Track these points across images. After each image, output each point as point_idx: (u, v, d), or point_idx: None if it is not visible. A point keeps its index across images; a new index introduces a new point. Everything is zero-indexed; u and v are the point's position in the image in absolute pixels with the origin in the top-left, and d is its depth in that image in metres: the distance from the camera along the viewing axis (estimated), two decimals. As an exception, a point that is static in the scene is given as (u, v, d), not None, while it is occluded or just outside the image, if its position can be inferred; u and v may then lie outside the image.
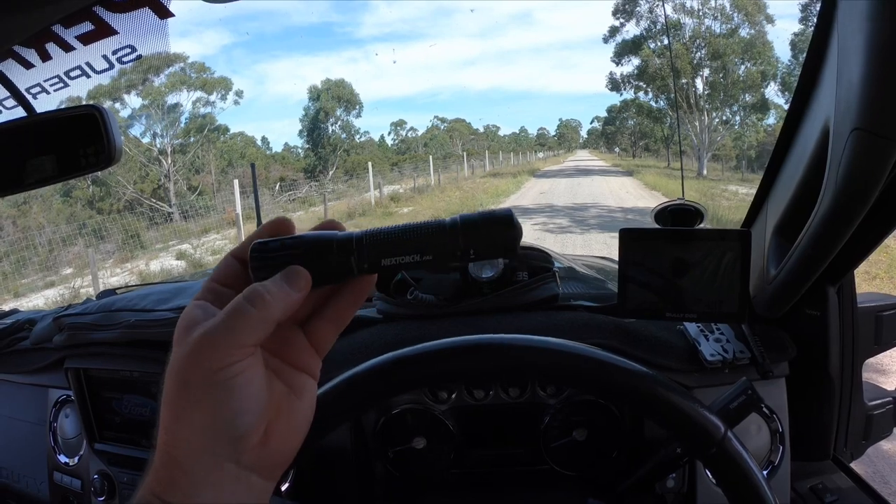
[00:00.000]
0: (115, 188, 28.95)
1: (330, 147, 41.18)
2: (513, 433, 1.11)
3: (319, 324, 0.51)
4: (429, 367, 0.73)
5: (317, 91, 42.25)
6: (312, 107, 42.20)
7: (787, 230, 0.94)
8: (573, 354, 0.72)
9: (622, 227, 0.93)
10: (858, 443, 1.19)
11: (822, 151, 0.75)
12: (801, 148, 0.89)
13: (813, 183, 0.80)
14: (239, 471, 0.45)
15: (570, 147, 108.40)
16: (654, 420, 0.74)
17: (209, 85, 32.26)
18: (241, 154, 35.18)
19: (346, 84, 42.31)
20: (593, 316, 1.10)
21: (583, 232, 12.44)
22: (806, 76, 0.84)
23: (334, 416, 0.73)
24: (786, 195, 0.92)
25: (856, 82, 0.62)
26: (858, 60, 0.61)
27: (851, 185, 0.67)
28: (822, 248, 0.80)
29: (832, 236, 0.77)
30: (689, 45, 34.87)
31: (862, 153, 0.64)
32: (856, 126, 0.63)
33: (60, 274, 14.22)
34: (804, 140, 0.87)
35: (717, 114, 36.94)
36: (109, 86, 29.84)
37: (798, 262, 0.86)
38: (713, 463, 0.68)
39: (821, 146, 0.77)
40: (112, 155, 0.90)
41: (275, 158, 42.39)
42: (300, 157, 43.76)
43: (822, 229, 0.76)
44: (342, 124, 42.38)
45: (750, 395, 0.78)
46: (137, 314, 1.19)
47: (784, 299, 0.97)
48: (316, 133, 41.81)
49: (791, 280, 0.91)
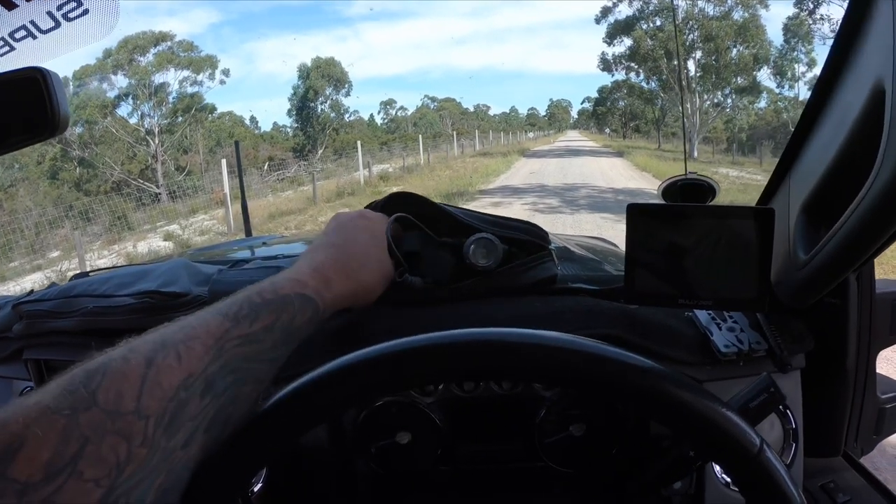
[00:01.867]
0: (102, 169, 29.06)
1: (319, 126, 41.40)
2: (505, 428, 1.03)
3: None
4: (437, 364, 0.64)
5: (306, 70, 42.33)
6: (301, 86, 42.36)
7: (819, 209, 0.84)
8: (570, 350, 0.63)
9: (613, 207, 0.86)
10: (870, 438, 1.13)
11: (874, 118, 0.65)
12: (838, 116, 0.79)
13: (857, 155, 0.71)
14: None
15: (560, 127, 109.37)
16: (673, 428, 0.67)
17: (197, 64, 32.31)
18: (230, 134, 35.29)
19: (336, 62, 42.40)
20: (597, 301, 1.01)
21: (573, 212, 12.49)
22: (846, 33, 0.75)
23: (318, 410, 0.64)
24: (816, 169, 0.83)
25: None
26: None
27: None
28: (873, 229, 0.70)
29: (889, 216, 0.67)
30: (681, 28, 35.12)
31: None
32: None
33: (47, 257, 14.27)
34: (844, 105, 0.77)
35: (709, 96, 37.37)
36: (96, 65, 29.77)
37: (840, 246, 0.76)
38: (745, 481, 0.60)
39: (871, 111, 0.67)
40: (56, 123, 0.81)
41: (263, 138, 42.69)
42: (289, 136, 44.07)
43: (877, 207, 0.66)
44: (331, 103, 42.66)
45: (773, 393, 0.70)
46: (96, 300, 1.10)
47: (818, 287, 0.88)
48: (305, 112, 42.04)
49: (830, 266, 0.81)
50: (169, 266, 1.20)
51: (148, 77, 30.86)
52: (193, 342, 0.55)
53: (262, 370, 0.61)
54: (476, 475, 1.07)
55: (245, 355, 0.58)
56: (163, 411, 0.49)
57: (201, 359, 0.54)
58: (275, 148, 38.20)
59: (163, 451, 0.48)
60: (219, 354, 0.56)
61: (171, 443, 0.49)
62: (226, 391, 0.55)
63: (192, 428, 0.51)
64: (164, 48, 31.48)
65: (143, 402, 0.48)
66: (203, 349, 0.55)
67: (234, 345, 0.58)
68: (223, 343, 0.57)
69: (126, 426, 0.46)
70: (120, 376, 0.48)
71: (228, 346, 0.57)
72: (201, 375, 0.53)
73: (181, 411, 0.50)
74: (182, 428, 0.50)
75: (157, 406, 0.49)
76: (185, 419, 0.50)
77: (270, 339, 0.62)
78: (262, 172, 26.80)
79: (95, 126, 29.09)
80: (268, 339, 0.61)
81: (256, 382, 0.60)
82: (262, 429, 0.60)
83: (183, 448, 0.50)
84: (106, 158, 28.71)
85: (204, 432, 0.52)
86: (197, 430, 0.51)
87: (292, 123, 43.64)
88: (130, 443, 0.46)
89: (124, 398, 0.47)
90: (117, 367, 0.49)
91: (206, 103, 33.59)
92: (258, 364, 0.60)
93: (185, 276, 1.14)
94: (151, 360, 0.51)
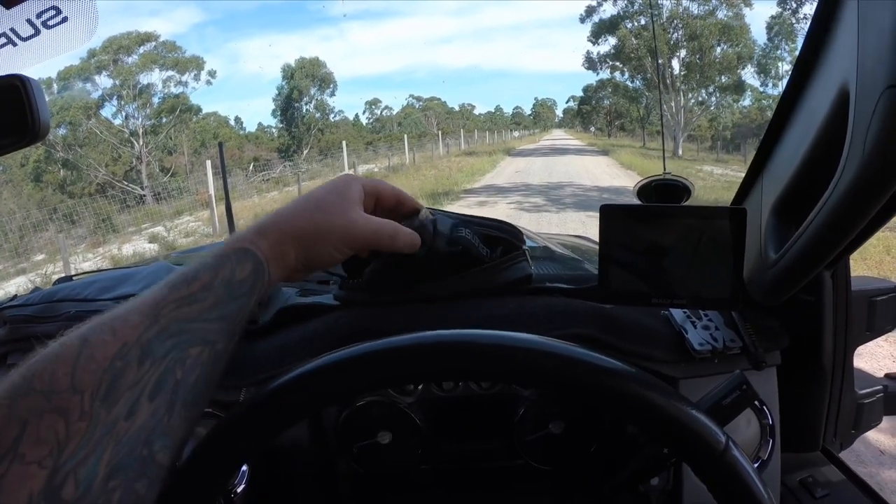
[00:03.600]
0: (86, 171, 28.83)
1: (304, 126, 41.26)
2: (485, 426, 1.04)
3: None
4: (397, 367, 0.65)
5: (290, 70, 42.17)
6: (286, 86, 42.20)
7: (789, 208, 0.86)
8: (522, 349, 0.64)
9: (598, 205, 0.87)
10: (848, 433, 1.14)
11: (839, 118, 0.66)
12: (807, 116, 0.80)
13: (824, 155, 0.72)
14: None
15: (545, 126, 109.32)
16: (639, 427, 0.68)
17: (181, 64, 32.13)
18: (214, 134, 35.06)
19: (321, 62, 42.22)
20: (570, 301, 1.02)
21: (558, 210, 12.53)
22: (814, 34, 0.76)
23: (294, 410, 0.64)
24: (787, 170, 0.84)
25: (887, 32, 0.54)
26: (891, 6, 0.54)
27: (884, 152, 0.59)
28: (840, 227, 0.71)
29: (854, 213, 0.68)
30: (666, 26, 35.24)
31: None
32: (891, 83, 0.54)
33: (32, 260, 14.12)
34: (812, 107, 0.79)
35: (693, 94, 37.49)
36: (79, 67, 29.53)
37: (808, 244, 0.77)
38: (710, 477, 0.61)
39: (836, 112, 0.68)
40: (37, 130, 0.81)
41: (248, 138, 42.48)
42: (274, 136, 43.85)
43: (841, 206, 0.67)
44: (316, 103, 42.51)
45: (745, 391, 0.71)
46: (79, 304, 1.10)
47: (788, 285, 0.89)
48: (290, 112, 41.89)
49: (799, 264, 0.82)
50: (151, 270, 1.21)
51: (132, 78, 30.66)
52: (129, 314, 0.54)
53: (210, 330, 0.59)
54: (457, 474, 1.07)
55: (185, 317, 0.57)
56: (98, 383, 0.49)
57: (136, 328, 0.53)
58: (260, 148, 38.11)
59: (104, 423, 0.48)
60: (155, 321, 0.55)
61: (111, 414, 0.49)
62: (167, 355, 0.54)
63: (134, 396, 0.51)
64: (148, 48, 31.30)
65: (77, 377, 0.48)
66: (139, 318, 0.54)
67: (171, 309, 0.57)
68: (159, 310, 0.56)
69: (62, 403, 0.47)
70: (54, 358, 0.49)
71: (165, 312, 0.56)
72: (136, 343, 0.52)
73: (118, 381, 0.50)
74: (122, 397, 0.50)
75: (92, 379, 0.49)
76: (124, 388, 0.50)
77: (212, 297, 0.61)
78: (248, 173, 26.67)
79: (79, 127, 28.89)
80: (209, 298, 0.60)
81: (206, 343, 0.58)
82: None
83: (127, 418, 0.50)
84: (90, 160, 28.51)
85: (149, 399, 0.52)
86: (140, 397, 0.51)
87: (277, 124, 43.54)
88: (68, 419, 0.46)
89: (59, 377, 0.47)
90: (53, 351, 0.49)
91: (192, 104, 33.44)
92: (203, 323, 0.59)
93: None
94: (86, 338, 0.51)
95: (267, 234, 0.70)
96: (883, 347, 4.27)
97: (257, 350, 0.98)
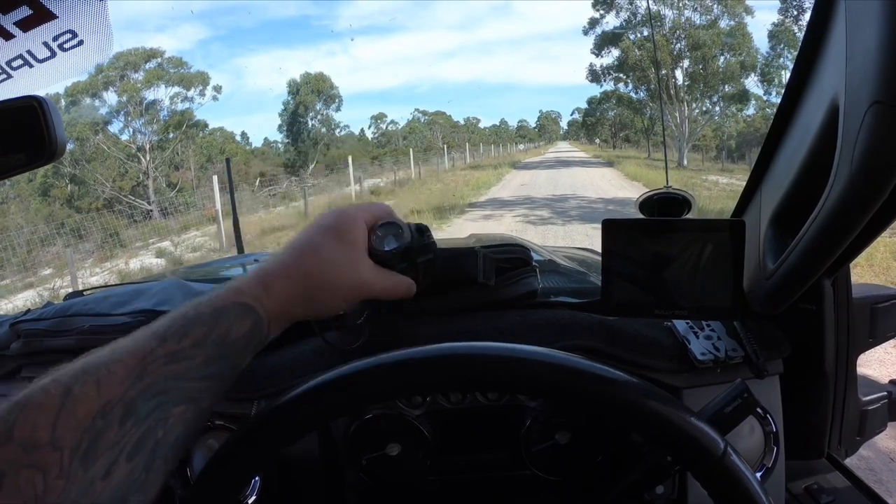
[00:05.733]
0: (93, 186, 28.86)
1: (310, 141, 41.28)
2: (492, 438, 1.05)
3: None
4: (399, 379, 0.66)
5: (296, 85, 42.25)
6: (292, 101, 42.25)
7: (785, 220, 0.88)
8: (525, 360, 0.66)
9: (603, 217, 0.88)
10: (853, 439, 1.15)
11: (830, 132, 0.68)
12: (801, 130, 0.82)
13: (817, 168, 0.74)
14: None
15: (550, 139, 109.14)
16: (641, 435, 0.69)
17: (187, 80, 32.20)
18: (221, 150, 35.07)
19: (326, 77, 42.32)
20: (574, 314, 1.04)
21: (564, 223, 12.50)
22: (806, 50, 0.78)
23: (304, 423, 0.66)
24: (783, 182, 0.86)
25: (872, 50, 0.56)
26: (874, 25, 0.55)
27: (871, 165, 0.60)
28: (832, 238, 0.73)
29: (845, 225, 0.70)
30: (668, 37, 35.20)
31: (883, 129, 0.57)
32: (876, 99, 0.56)
33: (39, 275, 14.10)
34: (805, 121, 0.81)
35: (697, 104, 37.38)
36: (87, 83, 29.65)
37: (803, 255, 0.79)
38: (710, 482, 0.62)
39: (827, 126, 0.70)
40: (54, 150, 0.83)
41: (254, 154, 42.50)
42: (280, 151, 43.86)
43: (832, 217, 0.69)
44: (322, 118, 42.51)
45: (746, 399, 0.72)
46: (93, 319, 1.12)
47: (785, 295, 0.91)
48: (295, 127, 41.91)
49: (794, 274, 0.84)
50: (163, 286, 1.22)
51: (139, 93, 30.77)
52: (115, 366, 0.52)
53: (196, 388, 0.57)
54: (464, 485, 1.08)
55: (172, 374, 0.55)
56: (78, 441, 0.47)
57: (122, 383, 0.51)
58: (266, 163, 38.15)
59: (81, 481, 0.47)
60: (141, 376, 0.53)
61: (89, 473, 0.48)
62: (150, 415, 0.53)
63: (112, 457, 0.49)
64: (154, 65, 31.42)
65: (58, 433, 0.47)
66: (125, 372, 0.52)
67: (158, 365, 0.54)
68: (146, 364, 0.54)
69: (41, 458, 0.46)
70: (36, 408, 0.48)
71: (152, 368, 0.54)
72: (120, 401, 0.51)
73: (98, 440, 0.49)
74: (101, 457, 0.48)
75: (72, 437, 0.47)
76: (104, 448, 0.49)
77: (202, 355, 0.58)
78: (254, 188, 26.74)
79: (87, 143, 28.97)
80: (198, 355, 0.58)
81: (190, 402, 0.56)
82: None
83: (104, 478, 0.48)
84: (97, 175, 28.57)
85: (127, 459, 0.50)
86: (118, 457, 0.50)
87: (283, 139, 43.56)
88: (47, 475, 0.45)
89: (39, 430, 0.46)
90: (36, 399, 0.48)
91: (198, 120, 33.51)
92: (189, 382, 0.57)
93: (179, 295, 1.16)
94: (70, 388, 0.49)
95: (272, 292, 0.67)
96: (891, 354, 4.24)
97: (268, 363, 0.99)
